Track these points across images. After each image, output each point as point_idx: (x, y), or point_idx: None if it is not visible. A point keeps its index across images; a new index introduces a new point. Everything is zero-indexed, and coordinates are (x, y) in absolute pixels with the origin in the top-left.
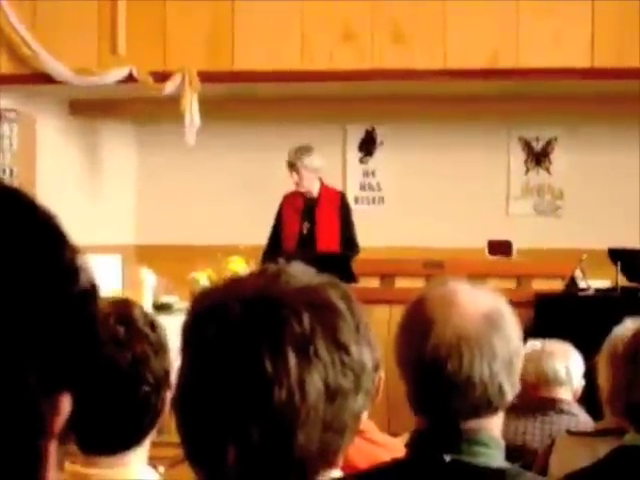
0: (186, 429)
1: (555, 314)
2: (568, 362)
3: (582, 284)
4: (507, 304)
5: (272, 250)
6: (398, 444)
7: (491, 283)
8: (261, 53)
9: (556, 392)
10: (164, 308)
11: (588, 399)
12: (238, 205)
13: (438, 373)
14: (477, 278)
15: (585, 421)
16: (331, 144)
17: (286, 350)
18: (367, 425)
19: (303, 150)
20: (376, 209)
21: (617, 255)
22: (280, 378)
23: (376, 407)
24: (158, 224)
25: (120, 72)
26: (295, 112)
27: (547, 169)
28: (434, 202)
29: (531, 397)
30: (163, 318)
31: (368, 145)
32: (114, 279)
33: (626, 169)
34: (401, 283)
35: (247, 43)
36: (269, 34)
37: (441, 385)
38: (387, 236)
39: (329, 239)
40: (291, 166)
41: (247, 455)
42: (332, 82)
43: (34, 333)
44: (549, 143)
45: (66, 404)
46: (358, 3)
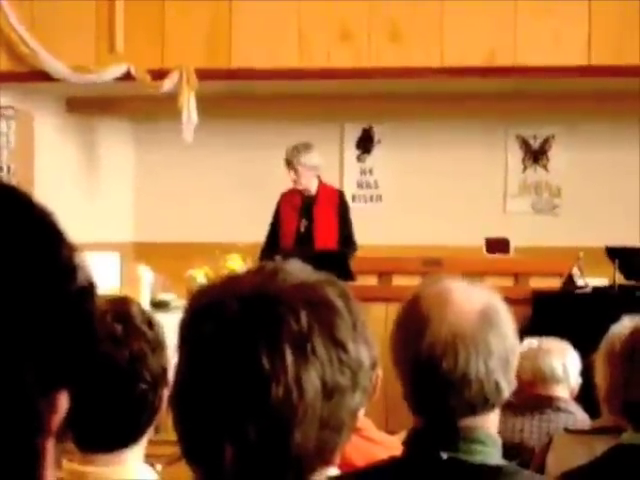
0: (183, 427)
1: (552, 312)
2: (565, 360)
3: (580, 282)
4: (502, 301)
5: (270, 248)
6: (395, 442)
7: (489, 281)
8: (259, 51)
9: (553, 390)
10: (161, 305)
11: (585, 397)
12: (236, 203)
13: (434, 371)
14: (475, 276)
15: (582, 419)
16: (329, 142)
17: (283, 347)
18: (364, 423)
19: (301, 148)
20: (374, 207)
21: (615, 253)
22: (277, 375)
23: (374, 405)
24: (156, 222)
25: (118, 70)
26: (293, 110)
27: (545, 167)
28: (432, 200)
29: (528, 395)
30: (160, 316)
31: (366, 143)
32: (112, 276)
33: (624, 167)
34: (399, 281)
35: (245, 41)
36: (267, 32)
37: (437, 383)
38: (385, 234)
39: (327, 237)
40: (288, 164)
41: (244, 453)
42: (330, 80)
43: (31, 331)
44: (547, 141)
45: (63, 402)
46: (355, 2)
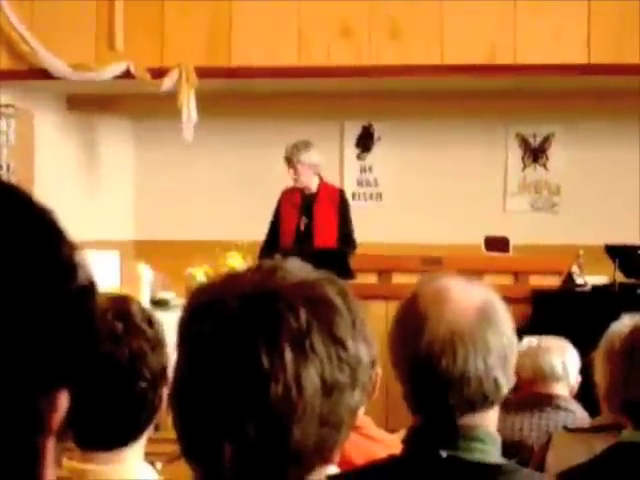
0: (182, 425)
1: (552, 310)
2: (565, 358)
3: (579, 280)
4: (500, 298)
5: (270, 246)
6: (395, 440)
7: (488, 279)
8: (259, 49)
9: (553, 388)
10: (161, 304)
11: (585, 395)
12: (236, 201)
13: (433, 369)
14: (474, 274)
15: (582, 417)
16: (328, 140)
17: (282, 345)
18: (364, 421)
19: (300, 146)
20: (373, 205)
21: (614, 251)
22: (276, 373)
23: (374, 403)
24: (156, 220)
25: (118, 68)
26: (293, 108)
27: (544, 165)
28: (431, 198)
29: (528, 393)
30: (160, 314)
31: (365, 141)
32: (111, 275)
33: (623, 165)
34: (398, 279)
35: (244, 39)
36: (266, 30)
37: (436, 381)
38: (384, 232)
39: (327, 235)
40: (288, 161)
41: (243, 451)
42: (330, 78)
43: (32, 330)
44: (546, 139)
45: (64, 400)
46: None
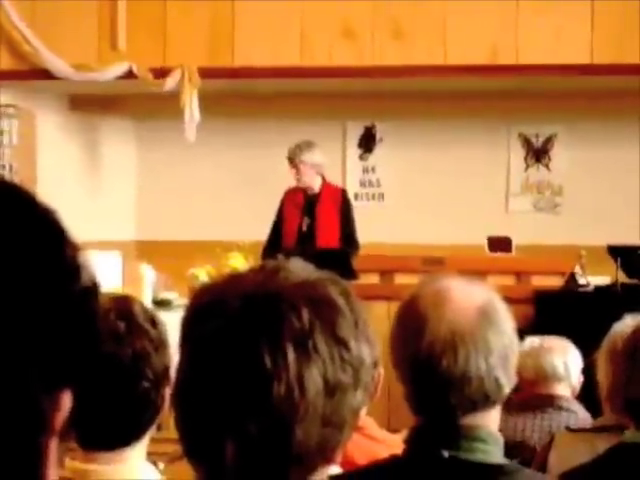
0: (185, 425)
1: (554, 311)
2: (567, 358)
3: (582, 280)
4: (500, 298)
5: (272, 246)
6: (397, 440)
7: (491, 280)
8: (261, 49)
9: (555, 388)
10: (164, 304)
11: (587, 396)
12: (238, 201)
13: (434, 369)
14: (477, 274)
15: (584, 418)
16: (331, 140)
17: (285, 345)
18: (366, 421)
19: (303, 146)
20: (376, 205)
21: (617, 251)
22: (279, 373)
23: (376, 404)
24: (158, 220)
25: (120, 68)
26: (295, 108)
27: (547, 166)
28: (434, 198)
29: (530, 393)
30: (162, 314)
31: (368, 142)
32: (114, 275)
33: (626, 165)
34: (401, 279)
35: (247, 39)
36: (269, 30)
37: (437, 381)
38: (387, 232)
39: (329, 235)
40: (290, 161)
41: (246, 451)
42: (332, 79)
43: (35, 330)
44: (549, 140)
45: (67, 400)
46: (358, 0)
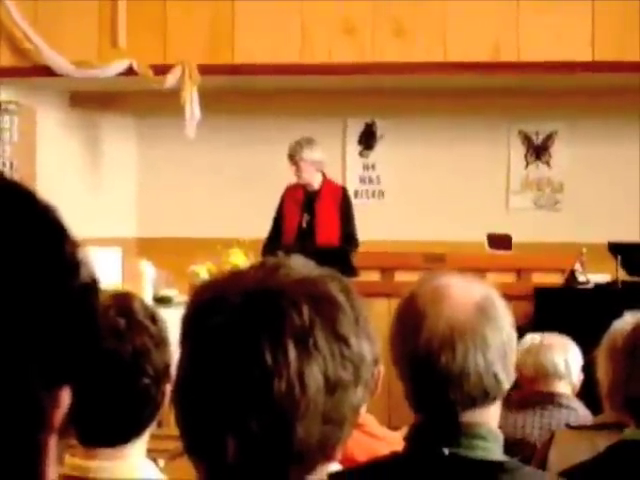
0: (185, 421)
1: (555, 308)
2: (567, 355)
3: (582, 278)
4: (499, 295)
5: (272, 242)
6: (397, 437)
7: (491, 277)
8: (261, 46)
9: (555, 386)
10: (164, 301)
11: (587, 393)
12: (238, 198)
13: (432, 366)
14: (477, 272)
15: (584, 415)
16: (331, 137)
17: (286, 342)
18: (366, 419)
19: (303, 142)
20: (376, 203)
21: (617, 249)
22: (280, 370)
23: (377, 402)
24: (158, 217)
25: (120, 65)
26: (295, 105)
27: (547, 163)
28: (434, 196)
29: (530, 391)
30: (163, 311)
31: (368, 138)
32: (114, 272)
33: (627, 163)
34: (401, 277)
35: (247, 36)
36: (269, 27)
37: (436, 377)
38: (387, 230)
39: (328, 232)
40: (290, 158)
41: (246, 447)
42: (332, 76)
43: (34, 327)
44: (549, 137)
45: (66, 397)
46: None
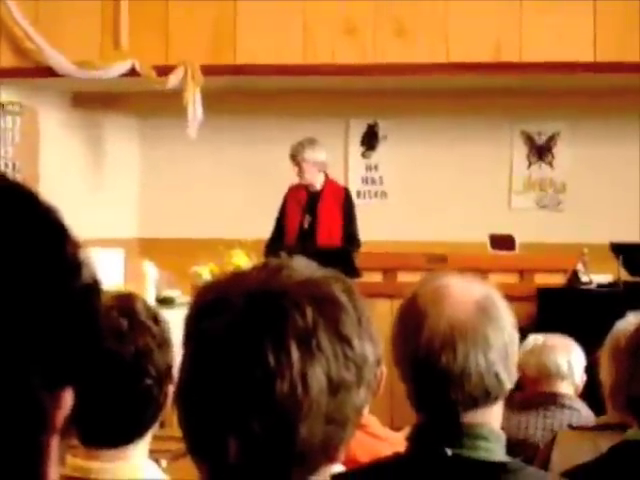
0: (188, 422)
1: (557, 308)
2: (570, 356)
3: (584, 278)
4: (500, 294)
5: (275, 242)
6: (400, 438)
7: (493, 277)
8: (264, 47)
9: (558, 386)
10: (166, 302)
11: (590, 394)
12: (240, 199)
13: (433, 366)
14: (480, 272)
15: (587, 416)
16: (334, 138)
17: (289, 343)
18: (369, 419)
19: (305, 143)
20: (378, 203)
21: (619, 249)
22: (282, 371)
23: (380, 402)
24: (160, 217)
25: (123, 66)
26: (297, 106)
27: (550, 163)
28: (436, 196)
29: (533, 391)
30: (165, 312)
31: (371, 139)
32: (116, 273)
33: (629, 163)
34: (404, 277)
35: (250, 37)
36: (272, 28)
37: (437, 377)
38: (389, 230)
39: (330, 234)
40: (293, 158)
41: (249, 448)
42: (334, 76)
43: (36, 328)
44: (552, 137)
45: (68, 398)
46: None
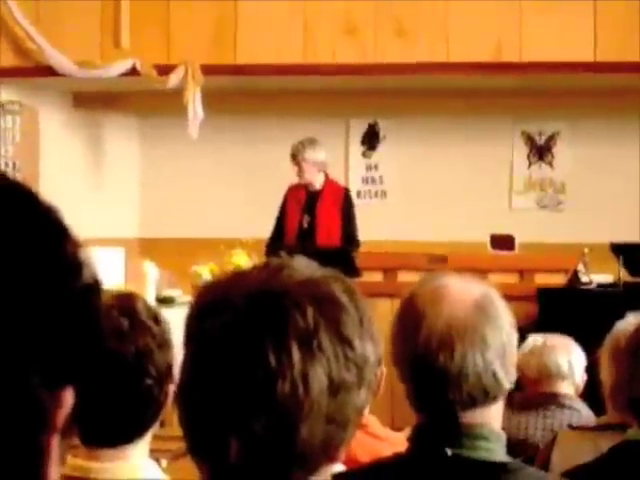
0: (188, 422)
1: (557, 308)
2: (570, 356)
3: (584, 278)
4: (498, 294)
5: (275, 242)
6: (400, 438)
7: (494, 277)
8: (264, 47)
9: (558, 387)
10: (167, 301)
11: (590, 394)
12: (241, 198)
13: (431, 365)
14: (480, 272)
15: (587, 416)
16: (334, 138)
17: (290, 343)
18: (369, 419)
19: (306, 143)
20: (379, 203)
21: (619, 249)
22: (283, 371)
23: (380, 402)
24: (161, 217)
25: (123, 65)
26: (298, 106)
27: (550, 163)
28: (437, 196)
29: (533, 392)
30: (166, 311)
31: (371, 139)
32: (117, 272)
33: (629, 163)
34: (404, 277)
35: (250, 36)
36: (272, 28)
37: (435, 376)
38: (390, 230)
39: (328, 233)
40: (293, 158)
41: (250, 448)
42: (335, 76)
43: (37, 328)
44: (552, 137)
45: (69, 398)
46: None
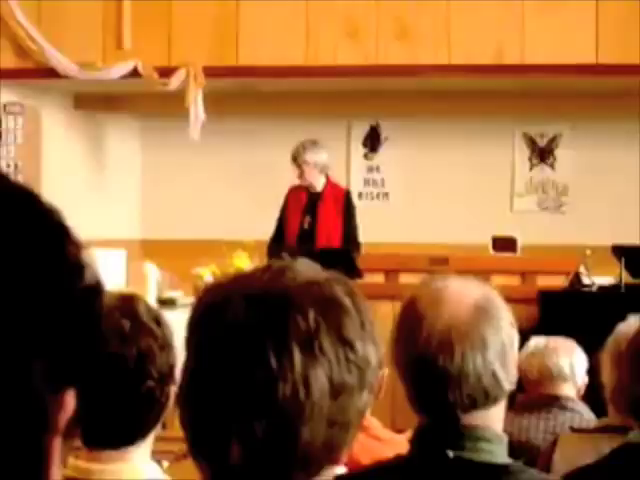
0: (190, 424)
1: (559, 311)
2: (572, 358)
3: (586, 280)
4: (499, 295)
5: (276, 243)
6: (402, 440)
7: (495, 279)
8: (266, 49)
9: (560, 389)
10: (168, 303)
11: (591, 396)
12: (242, 200)
13: (431, 366)
14: (481, 274)
15: (589, 418)
16: (335, 140)
17: (291, 346)
18: (371, 421)
19: (307, 144)
20: (380, 205)
21: (621, 251)
22: (285, 374)
23: (381, 404)
24: (162, 219)
25: (125, 67)
26: (299, 108)
27: (551, 165)
28: (438, 198)
29: (534, 394)
30: (167, 313)
31: (372, 141)
32: (118, 274)
33: (631, 165)
34: (406, 279)
35: (252, 38)
36: (274, 29)
37: (435, 378)
38: (391, 232)
39: (329, 235)
40: (294, 160)
41: (251, 451)
42: (336, 78)
43: (38, 329)
44: (554, 139)
45: (71, 400)
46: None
